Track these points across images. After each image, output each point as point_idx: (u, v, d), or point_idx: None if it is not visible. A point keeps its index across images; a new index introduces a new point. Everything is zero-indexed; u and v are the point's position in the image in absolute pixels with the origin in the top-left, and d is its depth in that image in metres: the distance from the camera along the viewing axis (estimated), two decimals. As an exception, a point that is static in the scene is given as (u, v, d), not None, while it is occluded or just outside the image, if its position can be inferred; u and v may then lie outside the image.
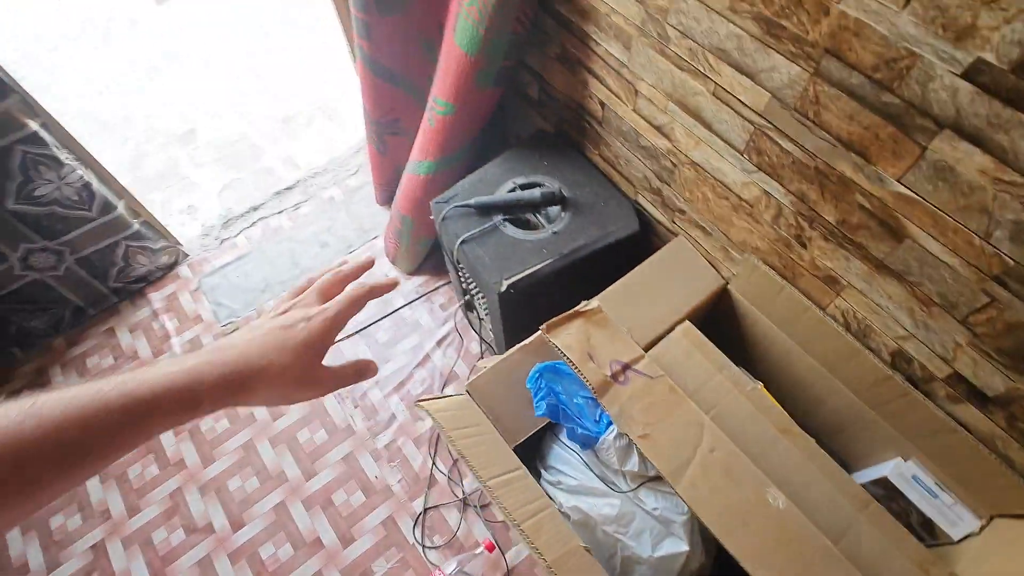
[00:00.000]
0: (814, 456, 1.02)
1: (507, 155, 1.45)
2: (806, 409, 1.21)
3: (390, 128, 1.80)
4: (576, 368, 0.99)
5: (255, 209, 2.26)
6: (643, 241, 1.36)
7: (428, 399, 0.96)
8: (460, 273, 1.51)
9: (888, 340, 0.97)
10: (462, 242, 1.31)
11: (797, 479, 0.99)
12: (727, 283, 1.23)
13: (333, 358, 0.46)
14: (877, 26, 0.69)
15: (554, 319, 1.05)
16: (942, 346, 0.88)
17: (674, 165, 1.17)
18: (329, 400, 1.82)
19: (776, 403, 1.09)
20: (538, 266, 1.25)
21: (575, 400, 1.02)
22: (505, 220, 1.33)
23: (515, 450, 1.02)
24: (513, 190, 1.38)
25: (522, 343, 1.11)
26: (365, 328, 1.93)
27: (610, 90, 1.21)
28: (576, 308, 1.08)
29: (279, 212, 2.25)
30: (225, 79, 2.89)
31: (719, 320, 1.28)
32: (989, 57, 0.61)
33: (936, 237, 0.78)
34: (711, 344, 1.14)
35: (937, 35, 0.64)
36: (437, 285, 2.01)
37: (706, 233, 1.21)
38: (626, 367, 1.02)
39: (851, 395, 1.11)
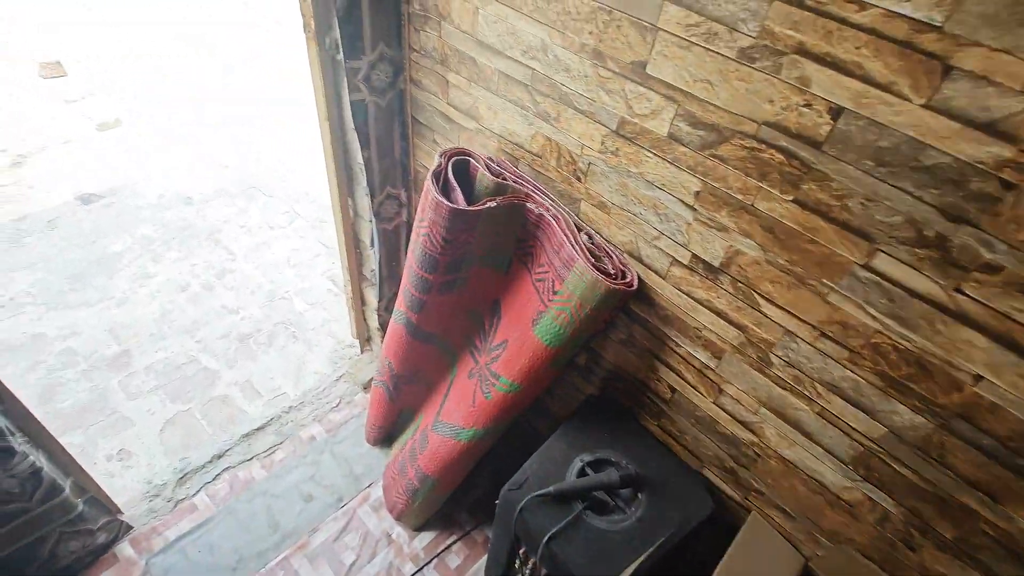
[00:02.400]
0: None
1: (565, 428, 1.44)
2: None
3: (410, 379, 1.74)
4: None
5: (219, 457, 1.96)
6: (716, 516, 1.37)
7: None
8: (527, 562, 1.39)
9: (1007, 643, 1.03)
10: (550, 538, 1.22)
11: None
12: (807, 561, 1.27)
13: None
14: (1015, 411, 0.83)
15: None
16: (1071, 658, 0.95)
17: (757, 455, 1.24)
18: None
19: None
20: (635, 565, 1.20)
21: None
22: (586, 508, 1.28)
23: None
24: (583, 470, 1.35)
25: None
26: (371, 609, 1.65)
27: (686, 381, 1.29)
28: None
29: (249, 459, 1.97)
30: (168, 291, 2.65)
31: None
32: None
33: (1070, 572, 0.88)
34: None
35: (1079, 434, 0.78)
36: (448, 543, 1.82)
37: (788, 516, 1.26)
38: None
39: None
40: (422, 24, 1.37)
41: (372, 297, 2.03)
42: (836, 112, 0.82)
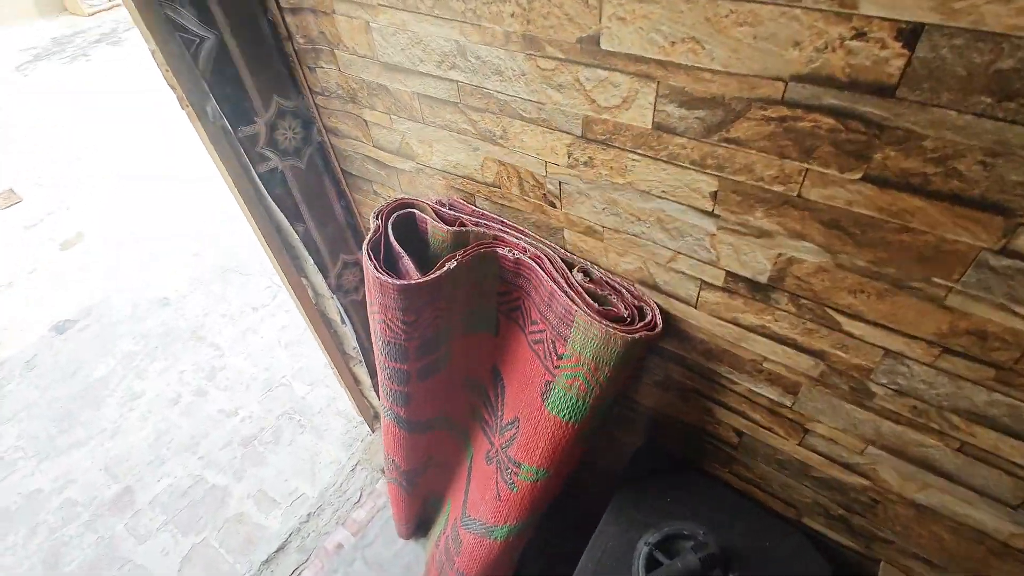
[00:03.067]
0: None
1: (618, 501, 1.15)
2: None
3: (422, 470, 1.47)
4: None
5: (241, 596, 1.72)
6: (834, 576, 1.07)
7: None
8: None
9: None
10: (630, 672, 0.94)
11: None
12: (972, 614, 0.95)
13: None
14: None
15: None
16: None
17: (875, 500, 0.93)
18: None
19: None
20: None
21: None
22: (667, 612, 0.99)
23: None
24: (651, 556, 1.06)
25: None
26: None
27: (755, 423, 0.99)
28: None
29: (274, 589, 1.73)
30: (160, 408, 2.44)
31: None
32: None
33: None
34: None
35: None
36: (517, 639, 1.55)
37: (935, 568, 0.95)
38: None
39: None
40: (315, 60, 1.09)
41: (363, 375, 1.77)
42: (911, 34, 0.51)
